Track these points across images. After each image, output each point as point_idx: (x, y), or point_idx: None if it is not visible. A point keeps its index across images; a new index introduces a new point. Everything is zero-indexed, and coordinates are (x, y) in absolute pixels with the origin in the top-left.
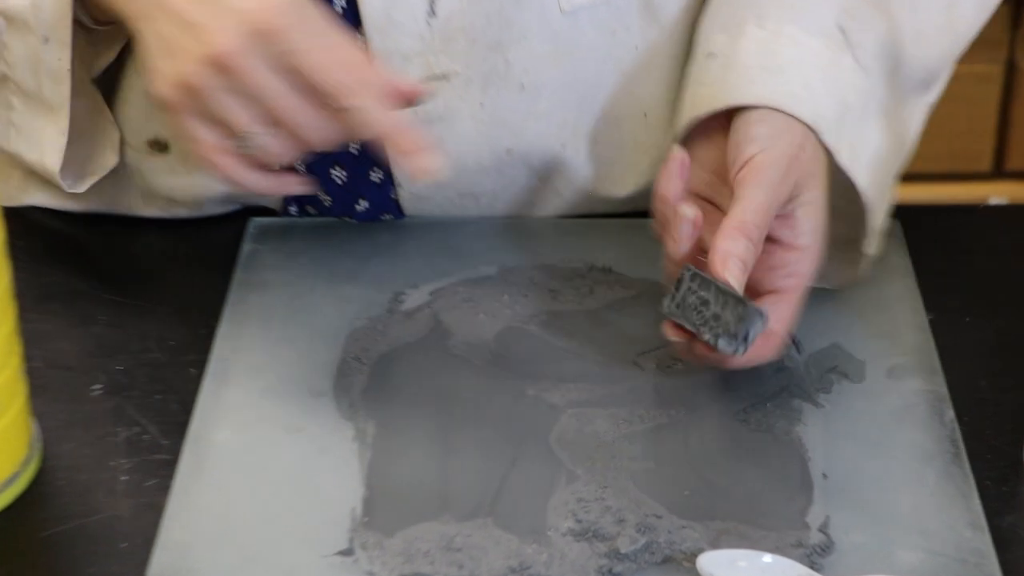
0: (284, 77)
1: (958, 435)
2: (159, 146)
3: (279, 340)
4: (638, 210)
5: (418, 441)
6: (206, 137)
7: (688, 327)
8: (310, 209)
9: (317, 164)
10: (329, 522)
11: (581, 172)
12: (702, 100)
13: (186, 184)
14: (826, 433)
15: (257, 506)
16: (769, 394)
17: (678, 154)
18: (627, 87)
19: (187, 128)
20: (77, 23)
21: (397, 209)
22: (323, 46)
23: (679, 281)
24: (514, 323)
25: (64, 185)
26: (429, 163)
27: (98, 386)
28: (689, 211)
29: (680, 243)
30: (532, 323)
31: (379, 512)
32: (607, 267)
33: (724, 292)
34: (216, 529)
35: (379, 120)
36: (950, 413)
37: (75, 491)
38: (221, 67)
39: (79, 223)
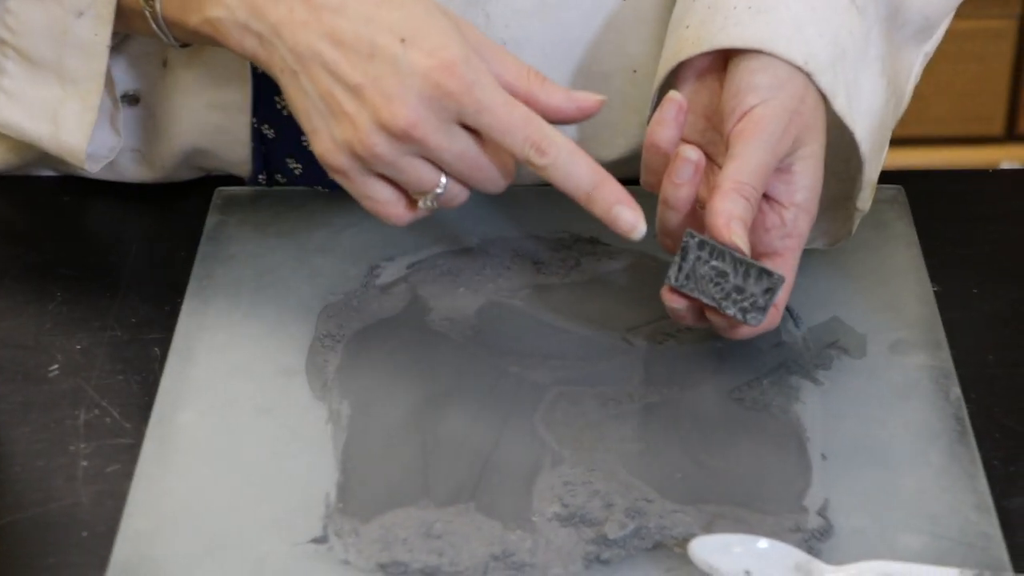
0: (466, 134)
1: (964, 413)
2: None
3: (247, 316)
4: (628, 175)
5: (395, 422)
6: (384, 196)
7: (706, 301)
8: (280, 177)
9: (286, 129)
10: (301, 508)
11: (566, 133)
12: (686, 42)
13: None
14: (825, 411)
15: (225, 492)
16: (765, 371)
17: (675, 97)
18: (614, 42)
19: (361, 188)
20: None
21: None
22: (502, 103)
23: (684, 250)
24: (496, 297)
25: (86, 164)
26: (630, 219)
27: (55, 366)
28: (692, 152)
29: (680, 187)
30: (515, 297)
31: (354, 497)
32: (594, 238)
33: (741, 261)
34: (182, 517)
35: (573, 175)
36: (956, 390)
37: (32, 478)
38: (402, 137)
39: (32, 193)
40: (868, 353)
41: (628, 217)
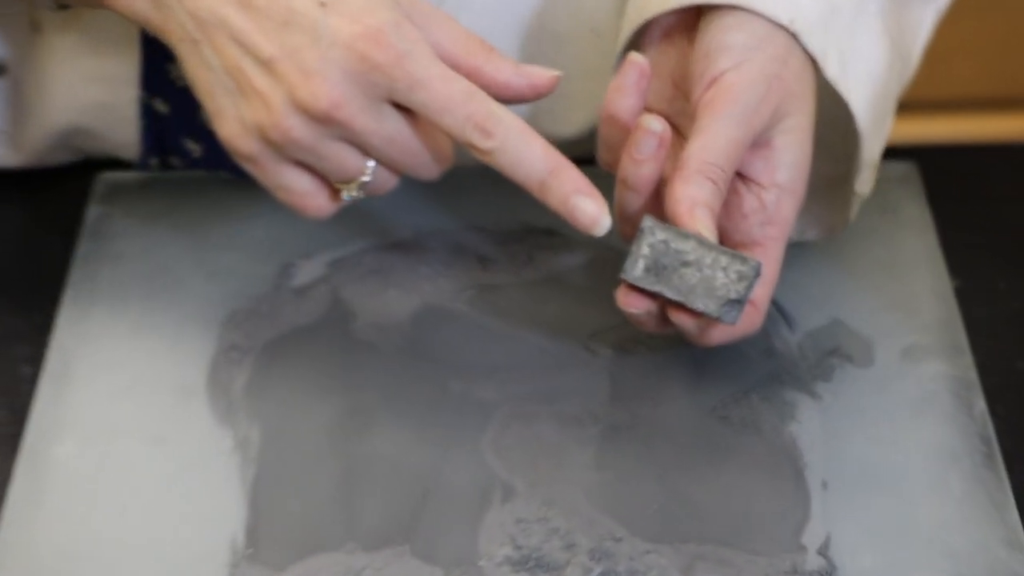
0: (397, 113)
1: (990, 431)
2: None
3: (136, 327)
4: (589, 155)
5: (315, 451)
6: (301, 186)
7: (670, 296)
8: (175, 161)
9: (182, 104)
10: (203, 556)
11: (515, 111)
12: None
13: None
14: (825, 431)
15: (111, 538)
16: (754, 384)
17: (636, 59)
18: (573, 0)
19: (274, 177)
20: None
21: None
22: (439, 77)
23: (639, 237)
24: (434, 300)
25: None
26: (591, 211)
27: None
28: (655, 122)
29: (642, 164)
30: (457, 300)
31: (267, 542)
32: (550, 228)
33: (710, 247)
34: (59, 567)
35: (524, 161)
36: (980, 403)
37: None
38: (323, 119)
39: None
40: (875, 361)
41: (589, 209)
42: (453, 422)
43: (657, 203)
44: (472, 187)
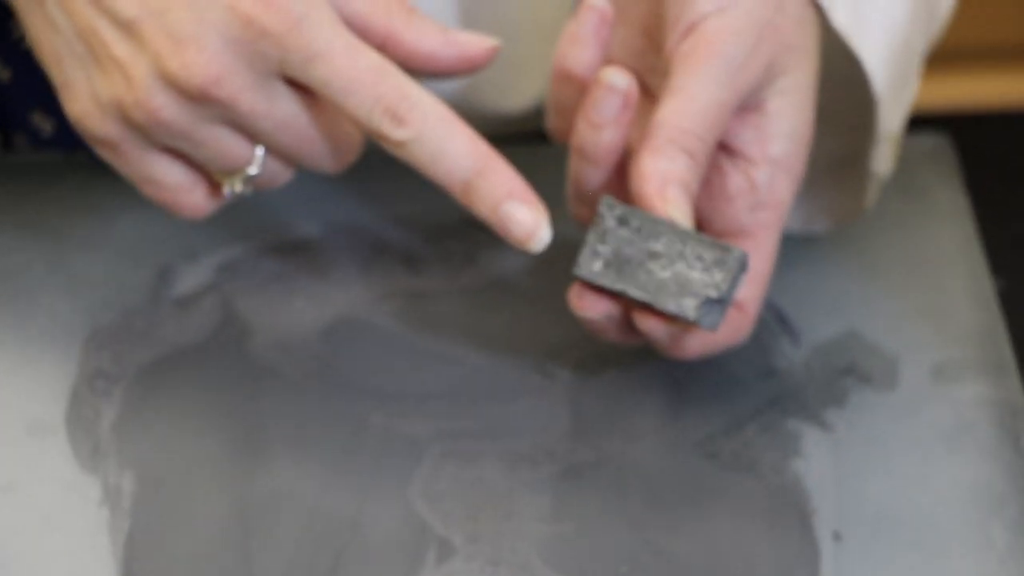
0: (292, 92)
1: None
2: None
3: None
4: (539, 131)
5: (203, 504)
6: (172, 179)
7: (635, 295)
8: (19, 140)
9: (28, 71)
10: None
11: (437, 90)
12: None
13: None
14: (838, 470)
15: None
16: (750, 412)
17: (595, 4)
18: None
19: (138, 167)
20: None
21: None
22: (342, 48)
23: (596, 222)
24: (350, 312)
25: None
26: (526, 221)
27: None
28: (618, 77)
29: (601, 129)
30: (378, 312)
31: None
32: None
33: (683, 235)
34: None
35: (445, 157)
36: None
37: None
38: (199, 97)
39: None
40: (900, 382)
41: (524, 219)
42: (374, 464)
43: (620, 180)
44: (396, 170)
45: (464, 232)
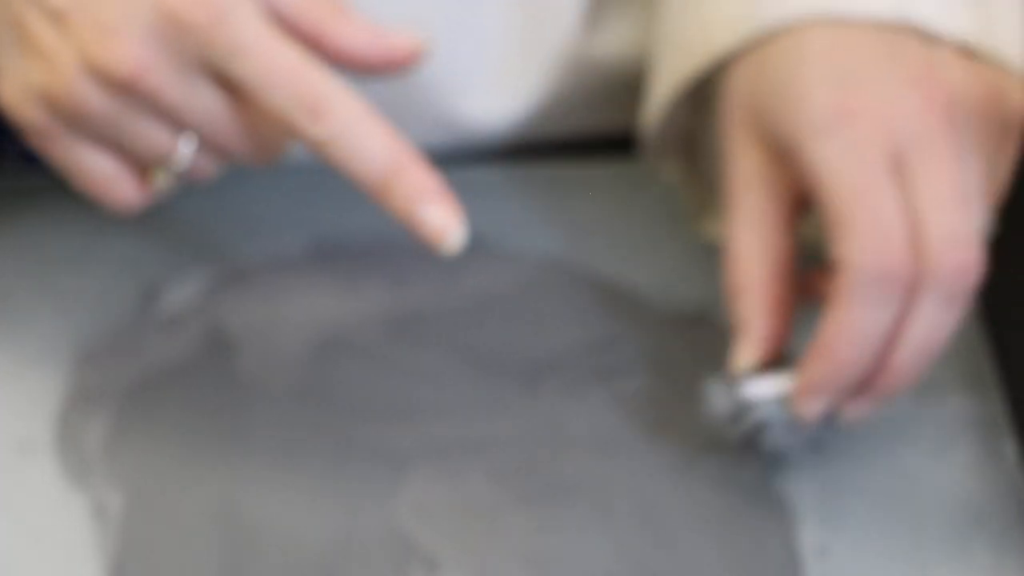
0: (215, 86)
1: None
2: None
3: None
4: (524, 142)
5: (192, 519)
6: (101, 169)
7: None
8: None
9: None
10: None
11: (433, 85)
12: (715, 26)
13: None
14: (822, 486)
15: None
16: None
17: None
18: None
19: (66, 156)
20: None
21: None
22: (265, 42)
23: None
24: (338, 331)
25: None
26: (437, 222)
27: None
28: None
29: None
30: (367, 329)
31: None
32: (479, 238)
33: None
34: None
35: (361, 155)
36: (1011, 447)
37: None
38: (124, 87)
39: None
40: None
41: (435, 219)
42: (361, 480)
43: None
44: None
45: None
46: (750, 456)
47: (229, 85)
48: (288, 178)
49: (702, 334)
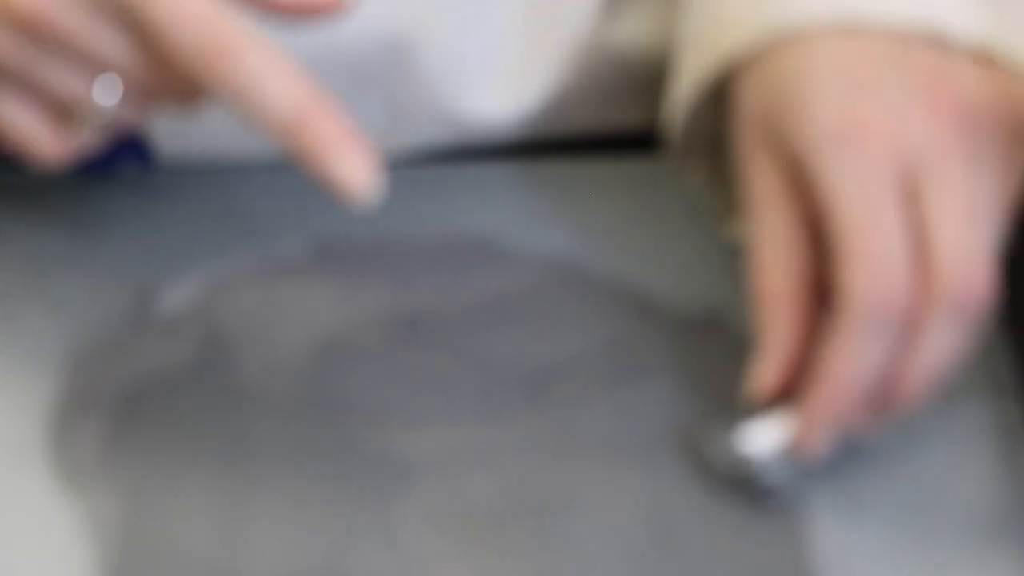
0: (126, 28)
1: None
2: None
3: None
4: (534, 139)
5: (190, 528)
6: (18, 120)
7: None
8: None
9: None
10: None
11: (439, 79)
12: (729, 27)
13: None
14: (835, 494)
15: None
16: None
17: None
18: None
19: None
20: None
21: (142, 151)
22: None
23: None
24: (340, 334)
25: None
26: (348, 171)
27: None
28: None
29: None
30: (369, 332)
31: None
32: (486, 238)
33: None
34: None
35: (266, 96)
36: None
37: None
38: (29, 26)
39: None
40: None
41: (347, 168)
42: (364, 489)
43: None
44: (386, 184)
45: (455, 252)
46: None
47: (140, 28)
48: (287, 177)
49: (715, 339)
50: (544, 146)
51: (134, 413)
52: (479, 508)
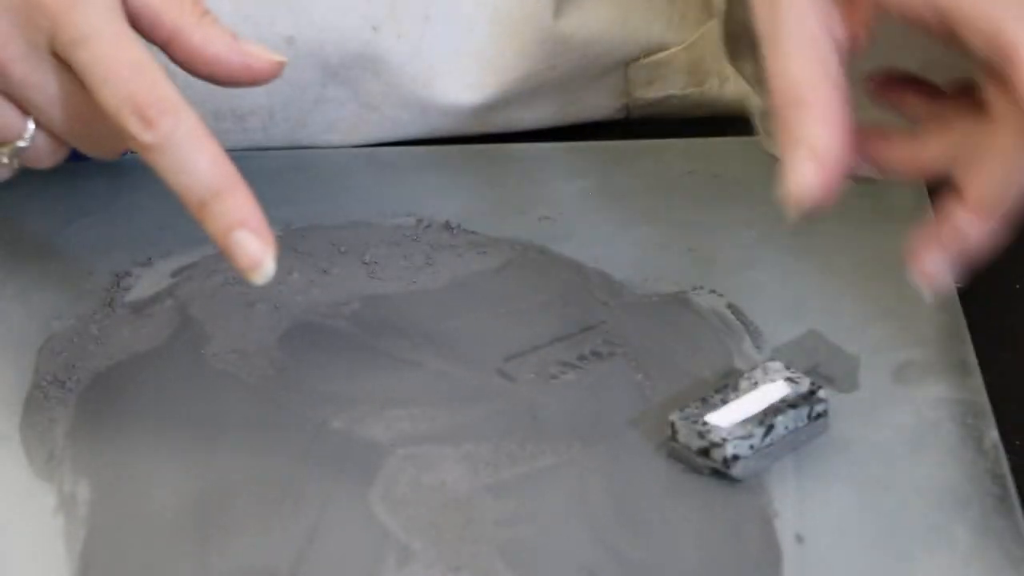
0: (65, 71)
1: (1005, 468)
2: None
3: None
4: (500, 128)
5: (160, 508)
6: None
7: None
8: None
9: None
10: None
11: (407, 68)
12: None
13: None
14: (800, 472)
15: None
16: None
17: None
18: None
19: None
20: None
21: None
22: (109, 36)
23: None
24: (308, 316)
25: None
26: (252, 253)
27: None
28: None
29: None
30: (337, 315)
31: None
32: (451, 222)
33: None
34: None
35: (188, 170)
36: (993, 434)
37: None
38: None
39: None
40: (861, 384)
41: (252, 249)
42: (333, 469)
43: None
44: (352, 172)
45: (423, 235)
46: None
47: (73, 71)
48: (258, 162)
49: (679, 316)
50: (507, 135)
51: (105, 395)
52: (449, 488)
